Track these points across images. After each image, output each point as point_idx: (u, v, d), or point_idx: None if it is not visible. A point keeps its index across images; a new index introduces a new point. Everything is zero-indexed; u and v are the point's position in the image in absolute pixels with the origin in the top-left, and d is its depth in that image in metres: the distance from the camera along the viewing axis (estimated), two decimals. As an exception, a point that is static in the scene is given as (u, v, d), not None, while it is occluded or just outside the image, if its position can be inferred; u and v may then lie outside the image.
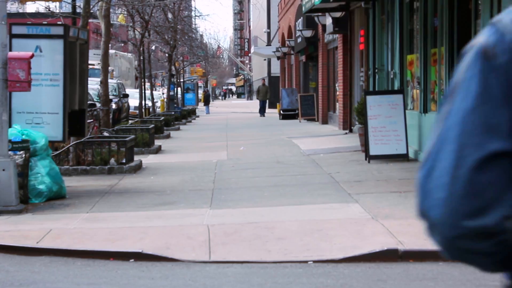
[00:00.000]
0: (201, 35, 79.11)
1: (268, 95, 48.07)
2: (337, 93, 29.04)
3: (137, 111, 32.20)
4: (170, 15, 37.30)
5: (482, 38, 1.67)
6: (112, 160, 16.05)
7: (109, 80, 22.86)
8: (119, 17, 54.93)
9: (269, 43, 66.76)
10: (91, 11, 18.96)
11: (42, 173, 12.17)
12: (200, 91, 74.72)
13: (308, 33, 35.47)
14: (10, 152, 11.56)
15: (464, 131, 1.62)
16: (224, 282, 7.49)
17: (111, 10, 23.40)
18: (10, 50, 12.56)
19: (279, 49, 51.49)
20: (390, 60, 19.80)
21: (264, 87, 47.62)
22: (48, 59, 13.53)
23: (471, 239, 1.61)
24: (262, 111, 46.17)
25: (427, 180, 1.64)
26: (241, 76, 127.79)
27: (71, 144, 15.90)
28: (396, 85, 18.67)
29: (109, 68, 25.55)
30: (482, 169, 1.59)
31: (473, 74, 1.65)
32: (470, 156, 1.60)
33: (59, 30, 13.74)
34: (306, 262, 8.06)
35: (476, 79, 1.64)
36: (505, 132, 1.60)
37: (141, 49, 32.39)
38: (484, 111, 1.62)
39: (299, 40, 39.66)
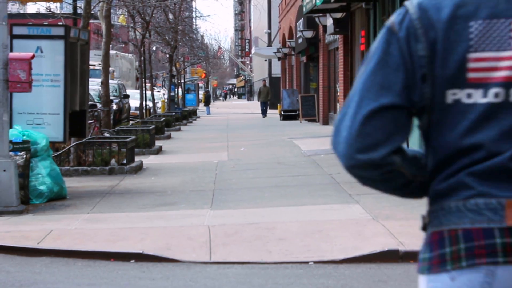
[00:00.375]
0: (202, 36, 79.16)
1: (270, 96, 47.11)
2: (338, 93, 29.04)
3: (138, 112, 32.21)
4: (171, 16, 37.32)
5: (394, 15, 2.15)
6: (113, 161, 16.05)
7: (110, 81, 22.86)
8: (120, 17, 54.98)
9: (269, 43, 66.77)
10: (92, 12, 18.97)
11: (43, 174, 12.17)
12: (201, 92, 74.77)
13: (308, 34, 35.49)
14: (11, 153, 11.56)
15: (366, 87, 2.10)
16: (224, 282, 7.49)
17: (112, 10, 23.42)
18: (11, 50, 12.56)
19: (280, 49, 51.51)
20: (391, 61, 19.78)
21: (265, 88, 46.74)
22: (49, 59, 13.53)
23: (363, 168, 2.11)
24: (264, 112, 45.67)
25: (339, 123, 2.14)
26: (242, 77, 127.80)
27: (71, 144, 15.90)
28: (397, 86, 18.66)
29: (110, 68, 25.56)
30: (374, 116, 2.08)
31: (380, 44, 2.13)
32: (366, 107, 2.09)
33: (60, 31, 13.74)
34: (307, 262, 8.06)
35: (381, 48, 2.12)
36: (397, 90, 2.08)
37: (141, 49, 32.41)
38: (382, 73, 2.10)
39: (299, 40, 39.69)
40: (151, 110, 35.74)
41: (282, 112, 40.26)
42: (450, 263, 2.06)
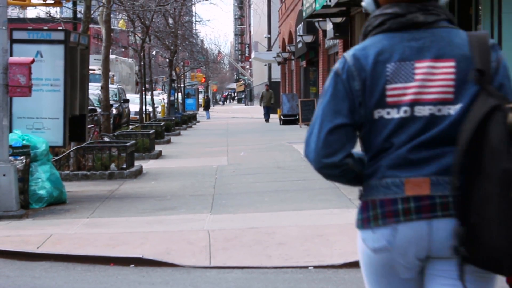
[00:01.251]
0: (202, 41, 79.12)
1: (273, 100, 45.93)
2: (338, 98, 29.03)
3: (138, 116, 32.21)
4: (170, 21, 37.33)
5: (337, 63, 3.14)
6: (113, 165, 16.05)
7: (110, 85, 22.86)
8: (119, 22, 54.96)
9: (269, 48, 66.84)
10: (92, 17, 18.98)
11: (42, 178, 12.17)
12: (201, 97, 74.76)
13: (308, 39, 35.53)
14: (10, 157, 11.56)
15: (324, 113, 3.09)
16: (224, 287, 7.49)
17: (111, 15, 23.42)
18: (11, 55, 12.56)
19: (280, 54, 51.58)
20: (391, 66, 19.78)
21: (268, 93, 45.67)
22: (48, 64, 13.53)
23: (328, 168, 3.11)
24: (266, 117, 44.92)
25: (308, 139, 3.12)
26: (242, 81, 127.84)
27: (71, 149, 15.90)
28: (397, 91, 18.66)
29: (110, 73, 25.56)
30: (331, 133, 3.06)
31: (330, 84, 3.13)
32: (326, 126, 3.07)
33: (60, 36, 13.74)
34: (306, 267, 8.06)
35: (331, 86, 3.12)
36: (345, 114, 3.07)
37: (141, 54, 32.41)
38: (334, 103, 3.09)
39: (299, 45, 39.73)
40: (151, 115, 35.73)
41: (281, 117, 40.27)
42: (373, 222, 3.07)
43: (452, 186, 2.95)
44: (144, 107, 31.63)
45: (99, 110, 22.51)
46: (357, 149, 3.19)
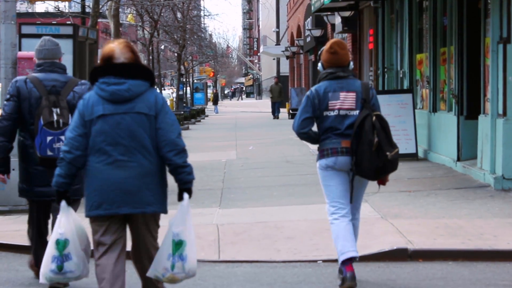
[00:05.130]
0: (210, 35, 79.02)
1: (282, 95, 43.04)
2: (346, 92, 28.98)
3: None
4: (179, 15, 37.33)
5: (309, 92, 7.25)
6: (122, 160, 16.03)
7: (119, 80, 22.82)
8: (128, 16, 54.96)
9: (278, 42, 66.76)
10: (100, 11, 18.98)
11: (51, 173, 12.15)
12: (210, 91, 74.69)
13: (317, 33, 35.50)
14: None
15: (301, 111, 7.16)
16: (233, 281, 7.50)
17: (120, 9, 23.43)
18: (20, 49, 12.58)
19: (288, 48, 51.54)
20: (399, 60, 19.77)
21: (276, 87, 42.57)
22: (57, 58, 13.50)
23: (301, 134, 7.21)
24: (274, 113, 41.80)
25: (294, 121, 7.22)
26: (250, 76, 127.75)
27: (80, 143, 15.88)
28: (406, 85, 18.65)
29: (118, 67, 25.52)
30: (303, 120, 7.14)
31: (305, 100, 7.18)
32: (301, 117, 7.15)
33: (69, 30, 13.74)
34: (315, 261, 8.07)
35: (305, 101, 7.17)
36: (310, 112, 7.23)
37: (150, 48, 32.42)
38: (306, 108, 7.14)
39: (308, 39, 39.69)
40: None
41: (290, 111, 40.21)
42: (325, 156, 7.09)
43: (351, 145, 6.95)
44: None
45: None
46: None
